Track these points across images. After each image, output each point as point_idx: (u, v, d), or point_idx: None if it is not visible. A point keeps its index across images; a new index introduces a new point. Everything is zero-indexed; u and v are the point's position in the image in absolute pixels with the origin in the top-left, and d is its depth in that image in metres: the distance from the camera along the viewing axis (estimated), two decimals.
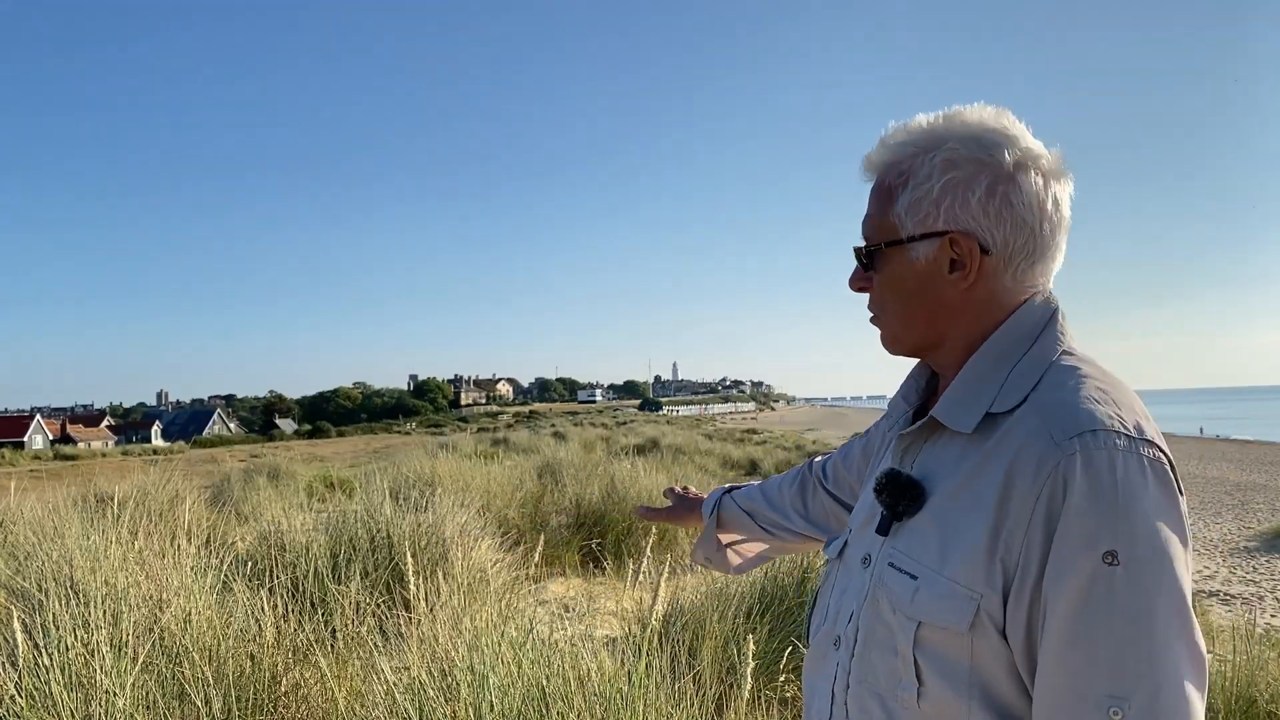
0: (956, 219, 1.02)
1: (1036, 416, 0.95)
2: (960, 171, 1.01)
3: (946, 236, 1.03)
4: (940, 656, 0.96)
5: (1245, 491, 16.98)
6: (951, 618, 0.95)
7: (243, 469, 14.10)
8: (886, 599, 1.03)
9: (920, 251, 1.04)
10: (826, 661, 1.12)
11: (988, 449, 0.98)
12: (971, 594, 0.94)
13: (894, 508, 1.04)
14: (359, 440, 63.03)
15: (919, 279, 1.06)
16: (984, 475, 0.97)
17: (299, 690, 3.51)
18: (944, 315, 1.06)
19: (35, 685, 2.90)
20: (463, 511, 5.61)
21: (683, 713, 2.79)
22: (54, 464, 40.26)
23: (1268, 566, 9.01)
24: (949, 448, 1.04)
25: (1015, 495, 0.92)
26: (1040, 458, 0.91)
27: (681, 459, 15.51)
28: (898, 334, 1.12)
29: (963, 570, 0.95)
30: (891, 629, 1.01)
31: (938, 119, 1.05)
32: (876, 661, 1.03)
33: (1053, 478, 0.90)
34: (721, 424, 62.46)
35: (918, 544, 1.02)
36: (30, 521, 5.26)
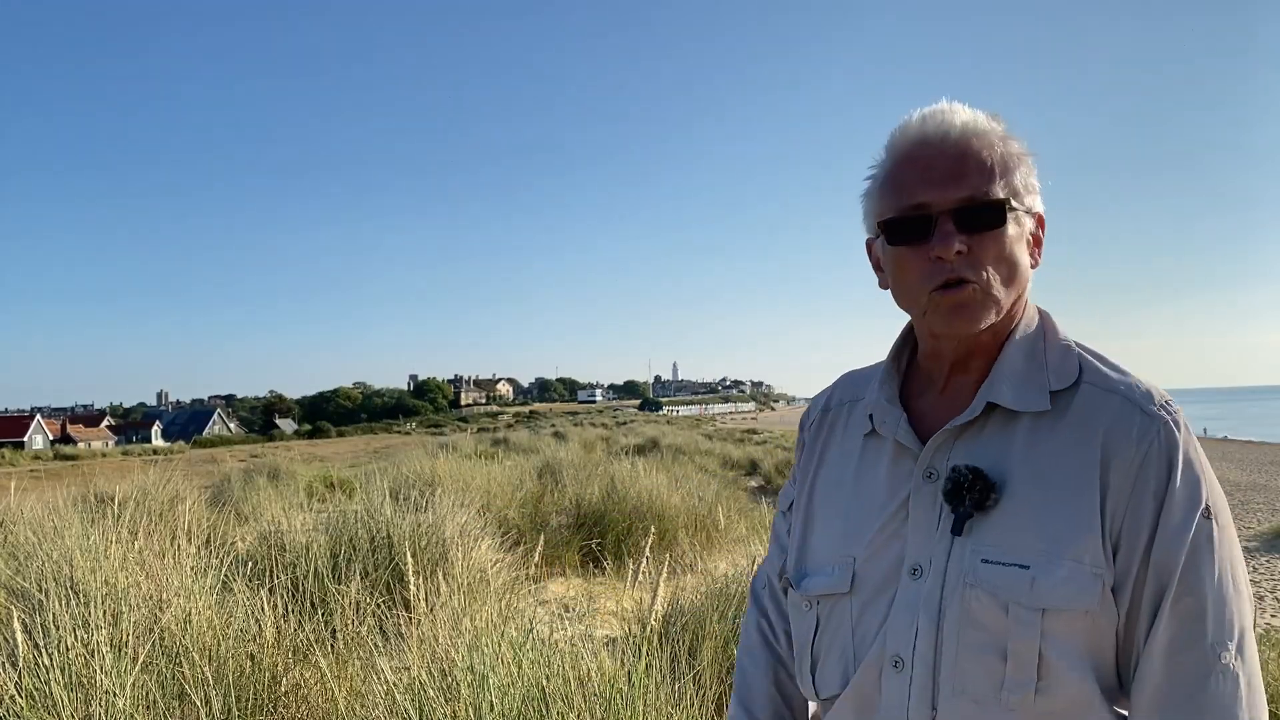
0: (1039, 202, 1.09)
1: (1112, 390, 1.01)
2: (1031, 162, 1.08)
3: (1036, 214, 1.08)
4: (1065, 643, 0.96)
5: (1245, 491, 16.98)
6: (1081, 599, 0.96)
7: (243, 469, 14.10)
8: (990, 598, 0.98)
9: (1027, 222, 1.07)
10: (887, 690, 1.04)
11: (1064, 426, 1.01)
12: (1096, 570, 0.96)
13: (981, 503, 1.00)
14: (359, 440, 63.04)
15: (1023, 245, 1.06)
16: (1072, 451, 0.99)
17: (299, 690, 3.51)
18: (1023, 287, 1.08)
19: (35, 685, 2.90)
20: (463, 511, 5.61)
21: (683, 713, 2.79)
22: (54, 464, 40.26)
23: (1268, 566, 9.01)
24: (1005, 433, 1.03)
25: (1115, 464, 0.97)
26: (1139, 427, 0.98)
27: (681, 459, 15.51)
28: (1004, 296, 1.04)
29: (1085, 548, 0.97)
30: (996, 630, 0.98)
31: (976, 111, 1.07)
32: (974, 668, 0.99)
33: (1154, 444, 0.97)
34: (721, 424, 62.44)
35: (1014, 533, 0.99)
36: (30, 521, 5.26)
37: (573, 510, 8.34)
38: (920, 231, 1.03)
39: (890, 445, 1.12)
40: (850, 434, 1.19)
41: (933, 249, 1.02)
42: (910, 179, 1.04)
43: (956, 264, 1.02)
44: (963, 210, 1.01)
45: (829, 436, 1.22)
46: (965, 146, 1.03)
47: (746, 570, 4.64)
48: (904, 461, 1.10)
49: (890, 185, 1.07)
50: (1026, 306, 1.10)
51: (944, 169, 1.02)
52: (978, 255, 1.02)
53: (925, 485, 1.06)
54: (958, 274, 1.02)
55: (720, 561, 6.36)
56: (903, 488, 1.09)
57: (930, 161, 1.03)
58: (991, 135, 1.04)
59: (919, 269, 1.04)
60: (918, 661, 1.02)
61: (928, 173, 1.03)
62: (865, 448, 1.15)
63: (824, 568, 1.13)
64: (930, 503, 1.05)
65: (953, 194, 1.01)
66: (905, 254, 1.05)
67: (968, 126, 1.04)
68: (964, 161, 1.02)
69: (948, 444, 1.06)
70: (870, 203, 1.12)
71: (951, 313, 1.03)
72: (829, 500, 1.17)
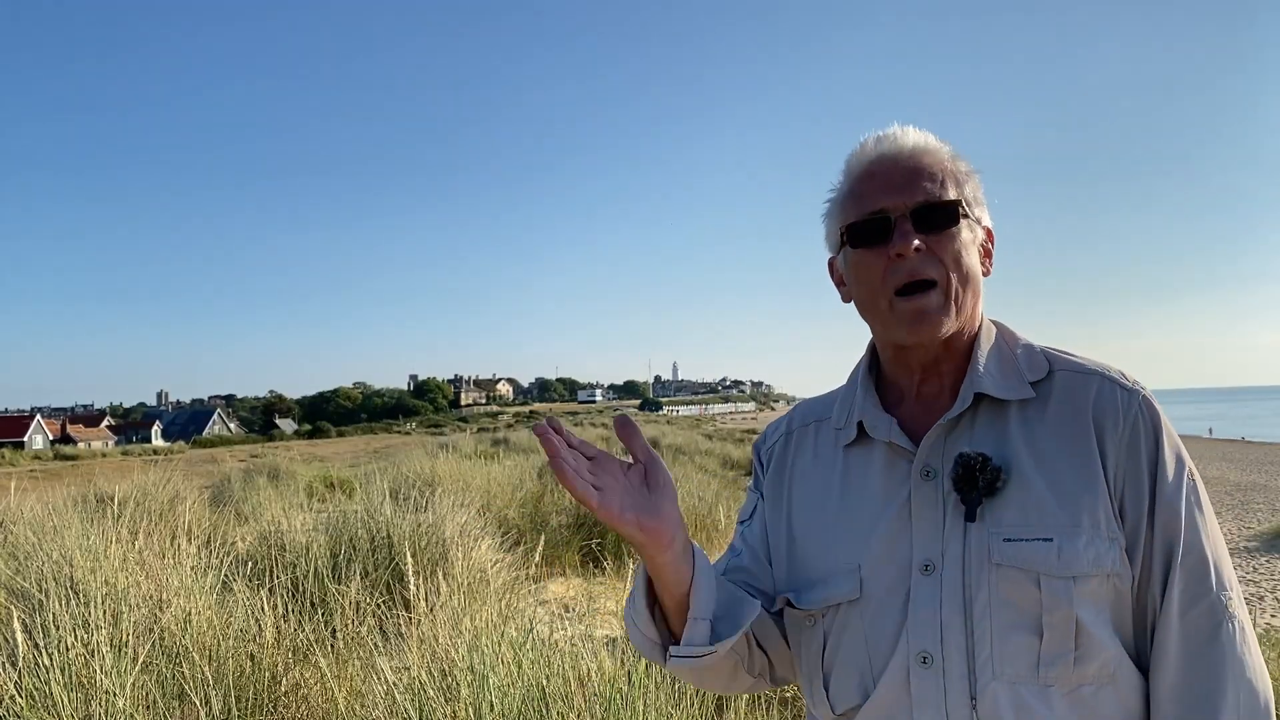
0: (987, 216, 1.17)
1: (1087, 372, 1.10)
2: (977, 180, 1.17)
3: (984, 228, 1.17)
4: (1095, 608, 1.02)
5: (1245, 491, 16.98)
6: (1104, 563, 1.02)
7: (243, 469, 14.12)
8: (1020, 573, 1.02)
9: (978, 232, 1.15)
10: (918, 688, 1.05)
11: (1051, 408, 1.09)
12: (1111, 534, 1.03)
13: (992, 486, 1.05)
14: (359, 440, 63.05)
15: (975, 255, 1.13)
16: (1066, 427, 1.07)
17: (299, 690, 3.51)
18: (979, 292, 1.14)
19: (35, 685, 2.90)
20: (463, 511, 5.62)
21: (683, 713, 2.79)
22: (54, 464, 40.29)
23: (1268, 566, 9.02)
24: (996, 422, 1.09)
25: (1108, 435, 1.06)
26: (1122, 402, 1.07)
27: (682, 459, 15.53)
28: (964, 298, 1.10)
29: (1099, 515, 1.03)
30: (1029, 606, 1.01)
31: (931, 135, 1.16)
32: (1011, 649, 1.01)
33: (1140, 415, 1.06)
34: (721, 424, 62.51)
35: (1030, 510, 1.04)
36: (30, 521, 5.27)
37: (573, 510, 8.34)
38: (881, 233, 1.11)
39: (881, 451, 1.14)
40: (823, 451, 1.21)
41: (893, 248, 1.09)
42: (869, 190, 1.13)
43: (916, 262, 1.09)
44: (919, 211, 1.10)
45: (796, 457, 1.24)
46: (918, 160, 1.12)
47: None
48: (898, 464, 1.12)
49: (849, 201, 1.16)
50: (983, 319, 1.16)
51: (900, 177, 1.11)
52: (935, 253, 1.09)
53: (924, 484, 1.09)
54: (919, 273, 1.09)
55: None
56: (900, 490, 1.10)
57: (887, 173, 1.13)
58: (941, 152, 1.14)
59: (880, 270, 1.11)
60: (950, 653, 1.03)
61: (886, 182, 1.12)
62: (848, 460, 1.17)
63: (825, 579, 1.13)
64: (932, 500, 1.08)
65: (909, 198, 1.10)
66: (866, 256, 1.12)
67: (918, 145, 1.14)
68: (918, 172, 1.12)
69: (940, 441, 1.10)
70: (831, 220, 1.20)
71: (914, 319, 1.09)
72: (814, 516, 1.18)
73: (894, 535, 1.09)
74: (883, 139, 1.15)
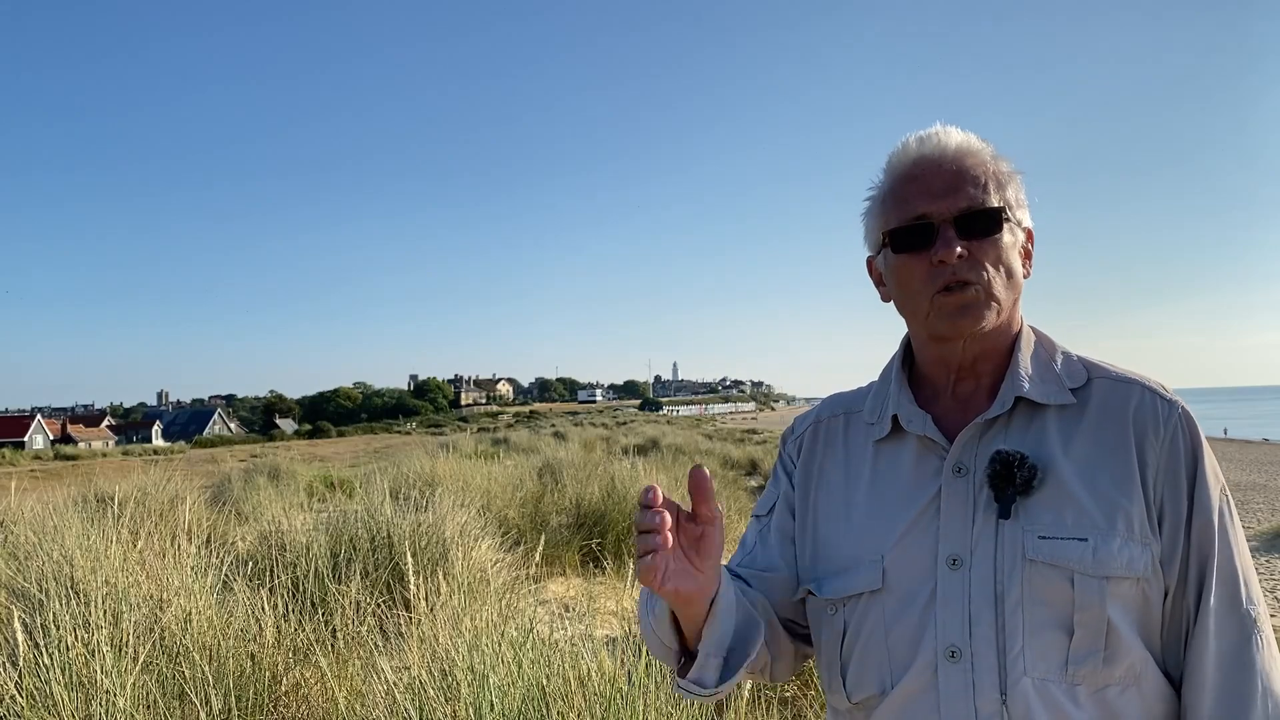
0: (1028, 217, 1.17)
1: (1128, 381, 1.11)
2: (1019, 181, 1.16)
3: (1026, 229, 1.16)
4: (1125, 610, 1.03)
5: (1245, 491, 16.98)
6: (1137, 565, 1.03)
7: (243, 469, 14.11)
8: (1054, 571, 1.03)
9: (1019, 235, 1.14)
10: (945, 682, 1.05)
11: (1090, 414, 1.10)
12: (1145, 540, 1.04)
13: (1029, 484, 1.05)
14: (359, 440, 63.06)
15: (1018, 254, 1.14)
16: (1106, 432, 1.08)
17: (299, 690, 3.51)
18: (1019, 295, 1.15)
19: (36, 685, 2.90)
20: (463, 511, 5.62)
21: (682, 713, 2.80)
22: (54, 464, 40.28)
23: (1268, 566, 9.02)
24: (1033, 425, 1.10)
25: (1149, 442, 1.07)
26: (1163, 412, 1.08)
27: (682, 459, 15.51)
28: (1004, 299, 1.11)
29: (1133, 520, 1.04)
30: (1061, 604, 1.02)
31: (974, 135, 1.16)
32: (1042, 646, 1.02)
33: (1179, 426, 1.08)
34: (721, 424, 62.42)
35: (1067, 512, 1.05)
36: (31, 521, 5.27)
37: (573, 510, 8.35)
38: (923, 239, 1.11)
39: (913, 445, 1.14)
40: (854, 443, 1.21)
41: (935, 254, 1.09)
42: (911, 194, 1.12)
43: (958, 267, 1.09)
44: (962, 218, 1.09)
45: (826, 449, 1.24)
46: (961, 163, 1.12)
47: None
48: (930, 459, 1.13)
49: (892, 201, 1.14)
50: (1023, 323, 1.17)
51: (943, 183, 1.11)
52: (978, 258, 1.09)
53: (956, 480, 1.10)
54: (960, 276, 1.09)
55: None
56: (930, 484, 1.11)
57: (929, 177, 1.12)
58: (984, 154, 1.13)
59: (922, 274, 1.11)
60: (979, 649, 1.04)
61: (928, 187, 1.11)
62: (879, 453, 1.17)
63: (848, 569, 1.14)
64: (963, 496, 1.09)
65: (952, 204, 1.10)
66: (909, 261, 1.12)
67: (961, 146, 1.13)
68: (961, 176, 1.11)
69: (975, 439, 1.10)
70: (871, 220, 1.19)
71: (956, 312, 1.10)
72: (840, 507, 1.19)
73: (920, 529, 1.10)
74: (925, 139, 1.14)
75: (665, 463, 12.40)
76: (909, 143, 1.15)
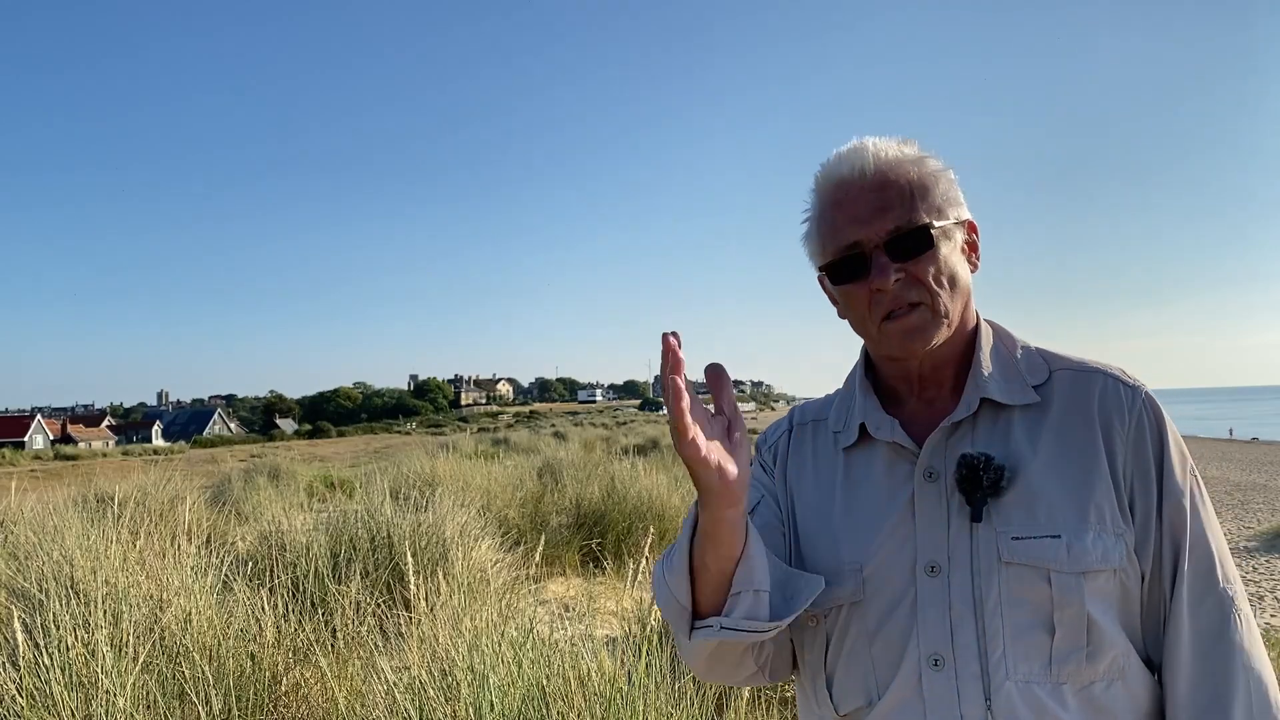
0: (965, 209, 1.15)
1: (1089, 370, 1.11)
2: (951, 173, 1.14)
3: (966, 222, 1.15)
4: (1105, 603, 1.04)
5: (1245, 491, 16.96)
6: (1113, 557, 1.03)
7: (243, 469, 14.10)
8: (1031, 570, 1.02)
9: (957, 233, 1.13)
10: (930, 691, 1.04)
11: (1055, 409, 1.09)
12: (1117, 530, 1.05)
13: (997, 485, 1.05)
14: (359, 440, 63.06)
15: (960, 257, 1.13)
16: (1072, 426, 1.08)
17: (299, 690, 3.51)
18: (968, 295, 1.14)
19: (36, 685, 2.90)
20: (463, 511, 5.62)
21: (683, 713, 2.79)
22: (54, 464, 40.28)
23: (1267, 566, 9.01)
24: (999, 425, 1.10)
25: (1115, 431, 1.07)
26: (1127, 400, 1.08)
27: (681, 459, 15.48)
28: (953, 312, 1.10)
29: (1104, 511, 1.04)
30: (1040, 603, 1.02)
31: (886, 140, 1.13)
32: (1024, 648, 1.02)
33: (1144, 411, 1.08)
34: None
35: (1038, 510, 1.04)
36: (31, 521, 5.27)
37: (573, 510, 8.35)
38: (858, 269, 1.09)
39: (883, 452, 1.13)
40: (822, 453, 1.21)
41: (872, 282, 1.08)
42: (839, 221, 1.10)
43: (898, 291, 1.08)
44: (892, 241, 1.08)
45: (798, 456, 1.23)
46: (882, 179, 1.09)
47: None
48: (900, 465, 1.11)
49: (822, 229, 1.13)
50: (979, 320, 1.16)
51: (867, 206, 1.09)
52: (916, 277, 1.08)
53: (927, 485, 1.09)
54: (901, 300, 1.08)
55: None
56: (902, 490, 1.10)
57: (853, 201, 1.10)
58: (905, 162, 1.11)
59: (865, 302, 1.10)
60: (962, 655, 1.03)
61: (854, 213, 1.09)
62: (849, 461, 1.17)
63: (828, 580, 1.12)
64: (936, 501, 1.08)
65: (879, 228, 1.08)
66: (850, 290, 1.12)
67: (880, 160, 1.10)
68: (884, 194, 1.09)
69: (943, 443, 1.10)
70: (809, 245, 1.18)
71: (904, 337, 1.09)
72: (815, 517, 1.17)
73: (897, 536, 1.09)
74: (844, 158, 1.12)
75: (665, 463, 12.40)
76: (830, 162, 1.13)
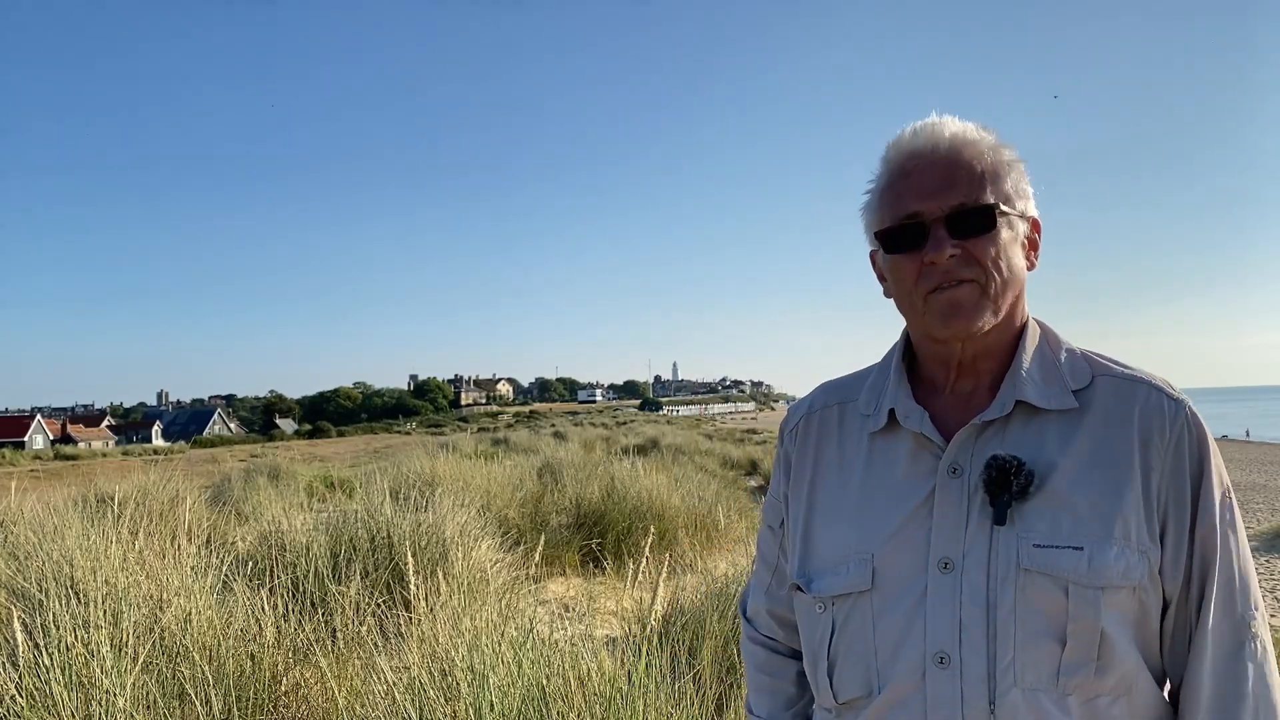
0: (1033, 207, 1.13)
1: (1134, 380, 1.08)
2: (1022, 167, 1.12)
3: (1030, 219, 1.13)
4: (1121, 620, 1.02)
5: (1245, 491, 16.97)
6: (1134, 574, 1.01)
7: (243, 469, 14.10)
8: (1049, 580, 1.00)
9: (1020, 226, 1.11)
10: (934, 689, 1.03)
11: (1093, 416, 1.06)
12: (1141, 547, 1.02)
13: (1025, 490, 1.03)
14: (359, 440, 63.04)
15: (1019, 248, 1.11)
16: (1109, 436, 1.05)
17: (299, 690, 3.51)
18: (1021, 290, 1.12)
19: (36, 685, 2.90)
20: (463, 511, 5.62)
21: (683, 713, 2.79)
22: (54, 464, 40.27)
23: (1268, 566, 9.01)
24: (1032, 429, 1.07)
25: (1154, 444, 1.04)
26: (1169, 414, 1.05)
27: (681, 459, 15.51)
28: (1002, 297, 1.07)
29: (1131, 527, 1.02)
30: (1055, 613, 1.00)
31: (976, 126, 1.11)
32: (1034, 656, 1.00)
33: (1186, 427, 1.05)
34: (721, 424, 62.42)
35: (1063, 519, 1.02)
36: (30, 521, 5.26)
37: (573, 510, 8.35)
38: (915, 239, 1.08)
39: (909, 442, 1.11)
40: (848, 435, 1.18)
41: (926, 254, 1.07)
42: (904, 190, 1.09)
43: (951, 266, 1.06)
44: (954, 216, 1.06)
45: (820, 441, 1.21)
46: (955, 157, 1.08)
47: (746, 570, 4.64)
48: (924, 457, 1.10)
49: (886, 198, 1.11)
50: (1028, 317, 1.13)
51: (935, 179, 1.07)
52: (973, 255, 1.06)
53: (950, 480, 1.06)
54: (953, 275, 1.06)
55: (720, 561, 6.35)
56: (924, 483, 1.08)
57: (922, 173, 1.08)
58: (980, 145, 1.09)
59: (914, 274, 1.09)
60: (969, 656, 1.02)
61: (920, 183, 1.08)
62: (874, 447, 1.14)
63: (837, 567, 1.12)
64: (957, 497, 1.06)
65: (944, 202, 1.06)
66: (902, 261, 1.10)
67: (956, 138, 1.09)
68: (953, 171, 1.07)
69: (971, 440, 1.07)
70: (869, 215, 1.16)
71: (949, 312, 1.07)
72: (833, 501, 1.16)
73: (912, 529, 1.07)
74: (920, 131, 1.10)
75: (665, 463, 12.40)
76: (904, 135, 1.11)
